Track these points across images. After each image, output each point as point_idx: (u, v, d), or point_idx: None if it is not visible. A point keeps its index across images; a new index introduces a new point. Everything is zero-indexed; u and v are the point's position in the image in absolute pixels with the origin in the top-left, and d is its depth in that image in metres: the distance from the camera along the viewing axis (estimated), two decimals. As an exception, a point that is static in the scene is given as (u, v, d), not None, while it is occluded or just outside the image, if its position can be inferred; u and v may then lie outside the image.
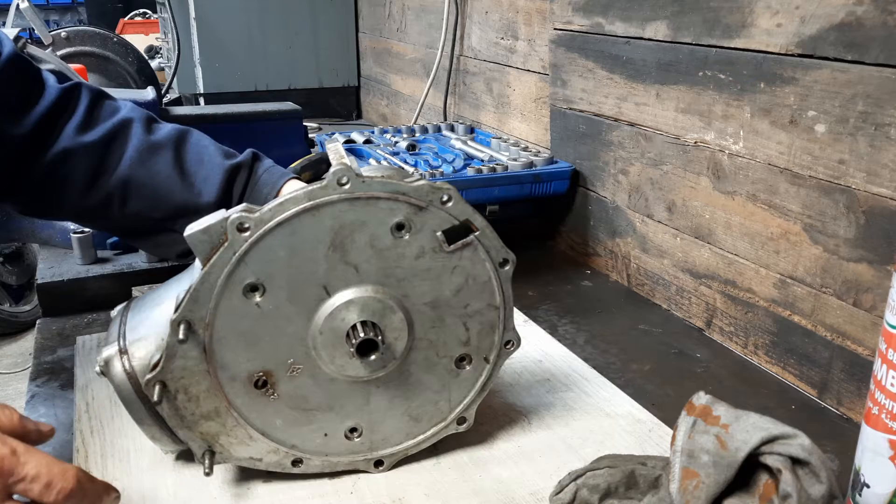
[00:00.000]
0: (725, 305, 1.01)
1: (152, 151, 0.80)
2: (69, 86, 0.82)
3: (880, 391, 0.56)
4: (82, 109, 0.81)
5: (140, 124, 0.82)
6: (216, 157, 0.82)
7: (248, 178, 0.82)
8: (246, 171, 0.82)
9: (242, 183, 0.82)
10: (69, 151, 0.79)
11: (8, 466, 0.52)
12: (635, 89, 1.12)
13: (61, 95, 0.80)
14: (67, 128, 0.79)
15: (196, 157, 0.82)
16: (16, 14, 1.81)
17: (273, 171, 0.83)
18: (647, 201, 1.13)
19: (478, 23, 1.67)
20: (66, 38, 1.88)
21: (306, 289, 0.65)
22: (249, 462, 0.69)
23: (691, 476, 0.56)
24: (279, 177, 0.82)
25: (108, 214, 0.82)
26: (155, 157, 0.80)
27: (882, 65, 0.75)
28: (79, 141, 0.79)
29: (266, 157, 0.86)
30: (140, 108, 0.84)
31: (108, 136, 0.80)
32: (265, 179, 0.82)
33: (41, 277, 1.08)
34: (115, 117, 0.81)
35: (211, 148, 0.83)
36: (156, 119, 0.85)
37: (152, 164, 0.80)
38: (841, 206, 0.81)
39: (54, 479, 0.53)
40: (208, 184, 0.80)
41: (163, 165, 0.80)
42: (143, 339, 0.68)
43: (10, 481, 0.52)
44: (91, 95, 0.82)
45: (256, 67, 2.31)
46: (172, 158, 0.81)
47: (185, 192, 0.80)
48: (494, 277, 0.70)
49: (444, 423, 0.74)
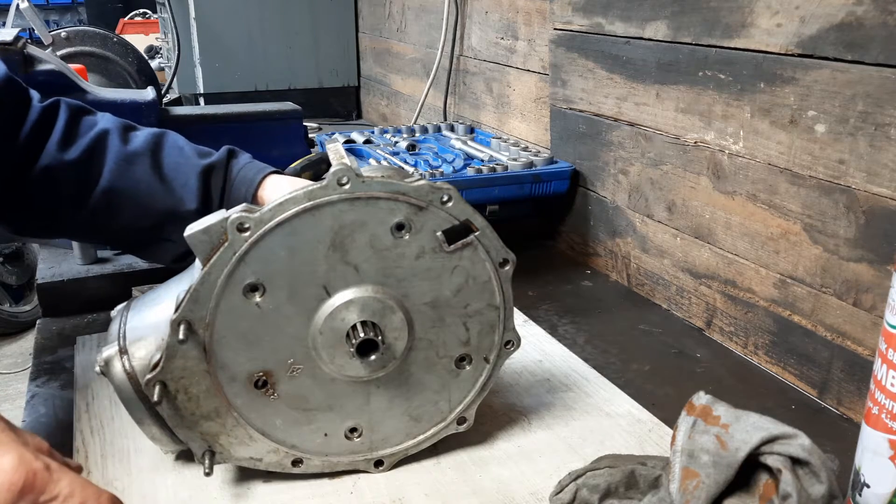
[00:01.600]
0: (725, 305, 1.01)
1: (130, 161, 0.80)
2: (49, 103, 0.81)
3: (880, 391, 0.56)
4: (61, 126, 0.80)
5: (116, 135, 0.81)
6: (192, 159, 0.81)
7: (224, 178, 0.81)
8: (221, 171, 0.81)
9: (220, 184, 0.81)
10: (52, 169, 0.78)
11: (41, 483, 0.50)
12: (635, 89, 1.12)
13: (42, 114, 0.79)
14: (48, 146, 0.78)
15: (173, 162, 0.81)
16: (16, 14, 1.81)
17: (249, 168, 0.82)
18: (647, 201, 1.13)
19: (478, 23, 1.67)
20: (66, 38, 1.88)
21: (306, 289, 0.65)
22: (249, 462, 0.69)
23: (691, 476, 0.56)
24: (256, 173, 0.81)
25: (101, 229, 0.82)
26: (133, 167, 0.79)
27: (882, 65, 0.75)
28: (60, 158, 0.78)
29: (243, 152, 0.85)
30: (117, 118, 0.84)
31: (88, 150, 0.79)
32: (242, 177, 0.81)
33: (41, 277, 1.08)
34: (93, 131, 0.81)
35: (186, 149, 0.83)
36: (133, 126, 0.84)
37: (132, 174, 0.79)
38: (841, 206, 0.81)
39: (88, 500, 0.51)
40: (187, 189, 0.79)
41: (141, 174, 0.79)
42: (143, 339, 0.68)
43: (41, 499, 0.50)
44: (70, 111, 0.82)
45: (256, 67, 2.31)
46: (150, 166, 0.80)
47: (167, 198, 0.79)
48: (494, 277, 0.70)
49: (445, 423, 0.74)
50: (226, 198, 0.81)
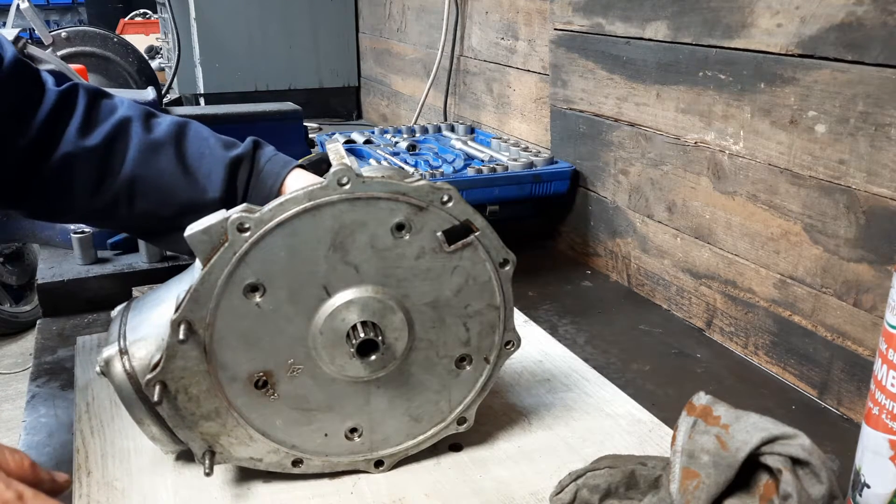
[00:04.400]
0: (726, 306, 1.01)
1: (154, 150, 0.79)
2: (67, 87, 0.81)
3: (880, 391, 0.56)
4: (81, 111, 0.79)
5: (139, 122, 0.81)
6: (217, 150, 0.81)
7: (250, 170, 0.81)
8: (248, 163, 0.81)
9: (246, 175, 0.81)
10: (72, 156, 0.78)
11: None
12: (635, 89, 1.12)
13: (60, 98, 0.79)
14: (68, 132, 0.78)
15: (197, 152, 0.81)
16: (16, 14, 1.81)
17: (276, 161, 0.82)
18: (648, 201, 1.13)
19: (478, 23, 1.67)
20: (66, 38, 1.88)
21: (306, 289, 0.65)
22: (250, 462, 0.69)
23: (692, 476, 0.56)
24: (282, 166, 0.81)
25: (117, 215, 0.81)
26: (157, 156, 0.79)
27: (882, 65, 0.75)
28: (80, 145, 0.78)
29: (268, 144, 0.85)
30: (137, 105, 0.83)
31: (109, 137, 0.79)
32: (269, 170, 0.81)
33: (41, 277, 1.08)
34: (114, 117, 0.80)
35: (211, 140, 0.82)
36: (154, 113, 0.83)
37: (155, 163, 0.79)
38: (841, 207, 0.81)
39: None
40: (211, 179, 0.79)
41: (165, 163, 0.79)
42: (143, 340, 0.68)
43: None
44: (88, 96, 0.81)
45: (256, 67, 2.31)
46: (174, 155, 0.80)
47: (190, 188, 0.79)
48: (494, 277, 0.70)
49: (445, 424, 0.74)
50: (251, 190, 0.81)
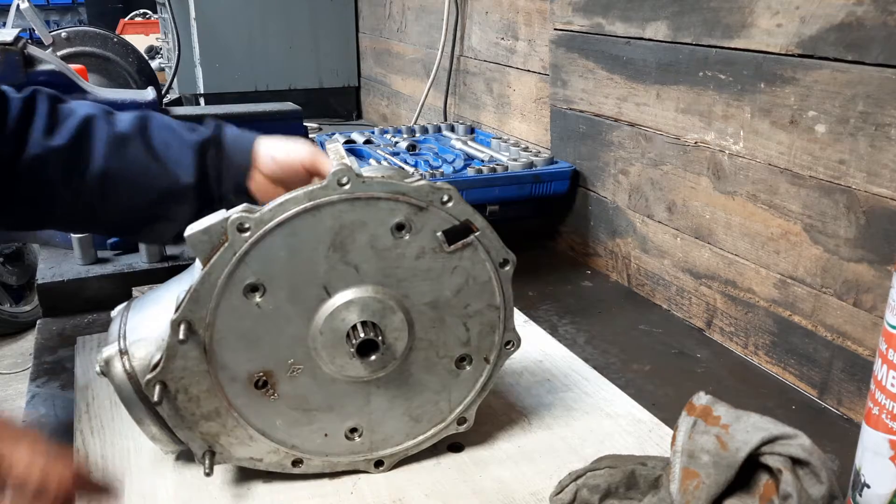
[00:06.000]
0: (726, 306, 1.01)
1: (121, 142, 0.81)
2: (28, 94, 0.82)
3: (880, 391, 0.56)
4: (43, 114, 0.80)
5: (102, 118, 0.82)
6: (182, 136, 0.82)
7: (218, 150, 0.82)
8: (215, 144, 0.83)
9: (215, 155, 0.82)
10: (40, 157, 0.78)
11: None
12: (635, 89, 1.12)
13: (23, 105, 0.80)
14: (33, 135, 0.79)
15: (163, 141, 0.82)
16: (16, 14, 1.81)
17: (241, 139, 0.83)
18: (648, 201, 1.13)
19: (478, 23, 1.67)
20: (66, 38, 1.88)
21: (306, 289, 0.65)
22: (250, 462, 0.69)
23: (691, 476, 0.56)
24: (248, 142, 0.83)
25: (96, 214, 0.82)
26: (125, 148, 0.80)
27: (882, 65, 0.75)
28: (47, 146, 0.79)
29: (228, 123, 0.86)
30: (93, 104, 0.85)
31: (75, 135, 0.80)
32: (236, 147, 0.82)
33: (41, 277, 1.08)
34: (76, 116, 0.82)
35: (175, 127, 0.84)
36: (111, 111, 0.85)
37: (124, 155, 0.80)
38: (841, 207, 0.81)
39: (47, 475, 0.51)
40: (182, 165, 0.81)
41: (134, 154, 0.80)
42: (143, 340, 0.68)
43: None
44: (49, 100, 0.82)
45: (256, 67, 2.31)
46: (142, 145, 0.81)
47: (163, 176, 0.80)
48: (494, 278, 0.70)
49: (445, 424, 0.74)
50: (224, 170, 0.82)
